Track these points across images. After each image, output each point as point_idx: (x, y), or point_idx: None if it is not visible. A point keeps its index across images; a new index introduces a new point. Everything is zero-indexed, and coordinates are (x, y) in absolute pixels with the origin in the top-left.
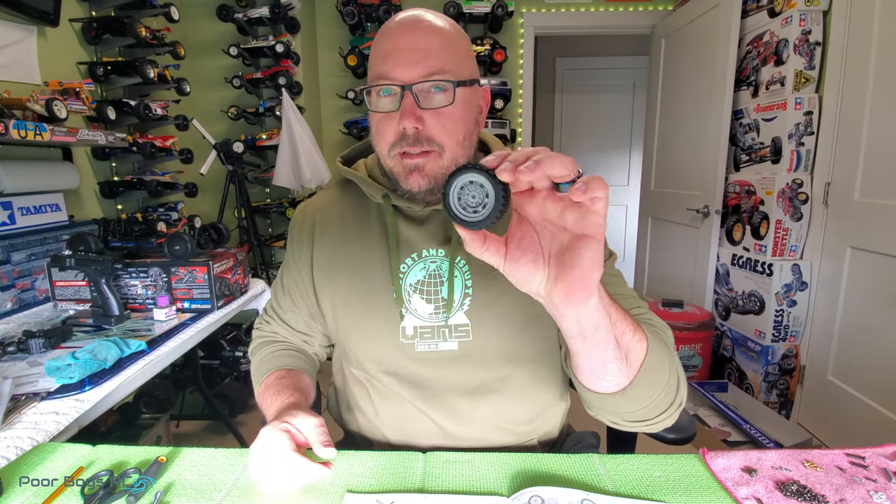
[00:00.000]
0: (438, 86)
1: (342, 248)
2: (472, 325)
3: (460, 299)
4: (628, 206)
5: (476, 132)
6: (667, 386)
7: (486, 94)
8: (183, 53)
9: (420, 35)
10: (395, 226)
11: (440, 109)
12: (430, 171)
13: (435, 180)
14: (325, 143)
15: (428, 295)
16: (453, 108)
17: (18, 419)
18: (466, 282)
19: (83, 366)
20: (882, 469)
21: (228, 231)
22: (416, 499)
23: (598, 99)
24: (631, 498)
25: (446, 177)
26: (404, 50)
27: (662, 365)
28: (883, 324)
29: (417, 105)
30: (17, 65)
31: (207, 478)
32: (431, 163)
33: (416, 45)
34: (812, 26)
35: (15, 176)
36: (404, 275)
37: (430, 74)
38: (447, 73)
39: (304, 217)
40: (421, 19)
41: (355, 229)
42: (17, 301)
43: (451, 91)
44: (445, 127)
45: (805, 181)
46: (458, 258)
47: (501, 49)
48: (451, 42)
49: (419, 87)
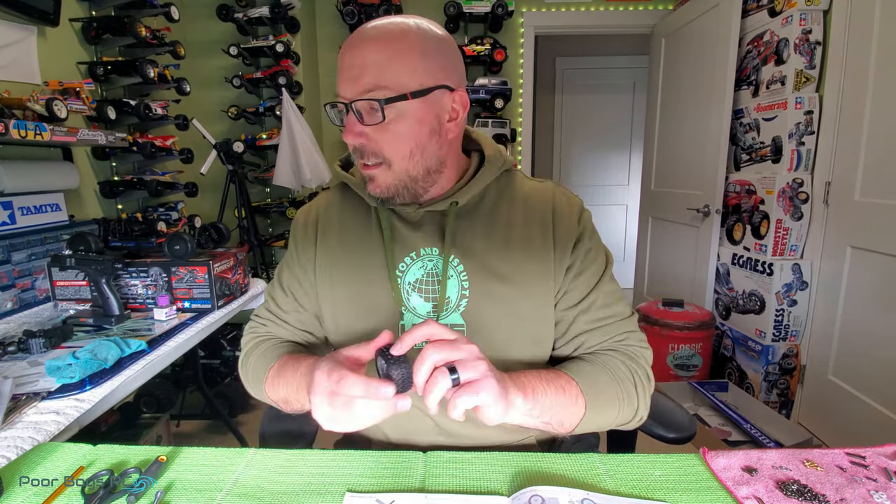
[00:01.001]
0: (374, 106)
1: (342, 251)
2: (467, 326)
3: (457, 300)
4: (628, 206)
5: (437, 143)
6: (619, 415)
7: (463, 98)
8: (183, 53)
9: (359, 51)
10: (390, 228)
11: (383, 125)
12: (381, 182)
13: (388, 190)
14: (325, 143)
15: (426, 294)
16: (394, 125)
17: (19, 419)
18: (463, 283)
19: (83, 365)
20: (882, 468)
21: (228, 231)
22: (416, 498)
23: (598, 99)
24: (631, 497)
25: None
26: (345, 68)
27: (609, 406)
28: (883, 324)
29: (360, 121)
30: (17, 65)
31: (207, 478)
32: (382, 175)
33: (354, 62)
34: (812, 26)
35: (15, 176)
36: (402, 273)
37: (363, 92)
38: (382, 89)
39: (306, 219)
40: (367, 32)
41: (354, 232)
42: (18, 301)
43: (380, 109)
44: (389, 142)
45: (805, 181)
46: (451, 257)
47: (501, 49)
48: (396, 53)
49: (359, 104)
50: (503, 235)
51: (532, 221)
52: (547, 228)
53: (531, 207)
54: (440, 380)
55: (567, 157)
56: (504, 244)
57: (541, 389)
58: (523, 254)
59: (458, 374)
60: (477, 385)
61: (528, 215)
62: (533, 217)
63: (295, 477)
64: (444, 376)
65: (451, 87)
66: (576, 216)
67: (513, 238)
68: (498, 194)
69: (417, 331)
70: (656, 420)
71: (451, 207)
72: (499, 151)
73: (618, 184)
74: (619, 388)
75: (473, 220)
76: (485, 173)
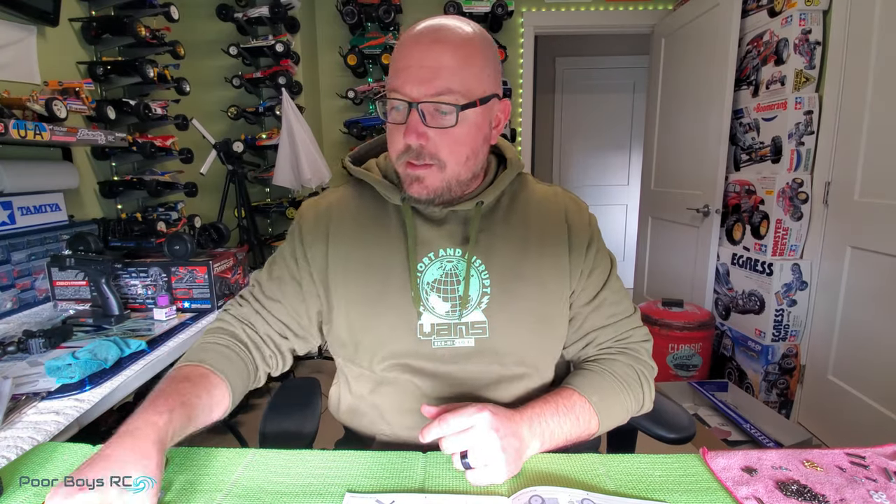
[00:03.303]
0: (443, 110)
1: (358, 248)
2: (488, 323)
3: (478, 297)
4: (628, 206)
5: (485, 149)
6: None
7: (507, 106)
8: (183, 53)
9: (432, 52)
10: (413, 227)
11: (445, 129)
12: (430, 184)
13: (435, 192)
14: (325, 142)
15: (445, 293)
16: (458, 130)
17: (19, 419)
18: (484, 281)
19: (83, 366)
20: (882, 469)
21: (228, 231)
22: (416, 498)
23: (598, 99)
24: (631, 498)
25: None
26: (414, 67)
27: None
28: (883, 323)
29: (423, 122)
30: (16, 64)
31: (207, 478)
32: (432, 176)
33: (425, 63)
34: (812, 26)
35: (15, 176)
36: (422, 273)
37: (436, 94)
38: (454, 93)
39: (317, 214)
40: (438, 33)
41: (372, 229)
42: (17, 301)
43: (455, 114)
44: (449, 146)
45: (805, 181)
46: (473, 258)
47: (501, 48)
48: (466, 58)
49: (425, 105)
50: (520, 236)
51: (546, 223)
52: (561, 230)
53: (545, 210)
54: (454, 463)
55: (567, 157)
56: (521, 244)
57: (556, 428)
58: (539, 253)
59: (467, 460)
60: (487, 472)
61: (542, 217)
62: (547, 219)
63: (295, 477)
64: (457, 462)
65: (500, 95)
66: (586, 219)
67: (529, 238)
68: (512, 196)
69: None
70: (656, 420)
71: (476, 207)
72: (517, 155)
73: (618, 184)
74: (628, 395)
75: (492, 221)
76: (506, 175)
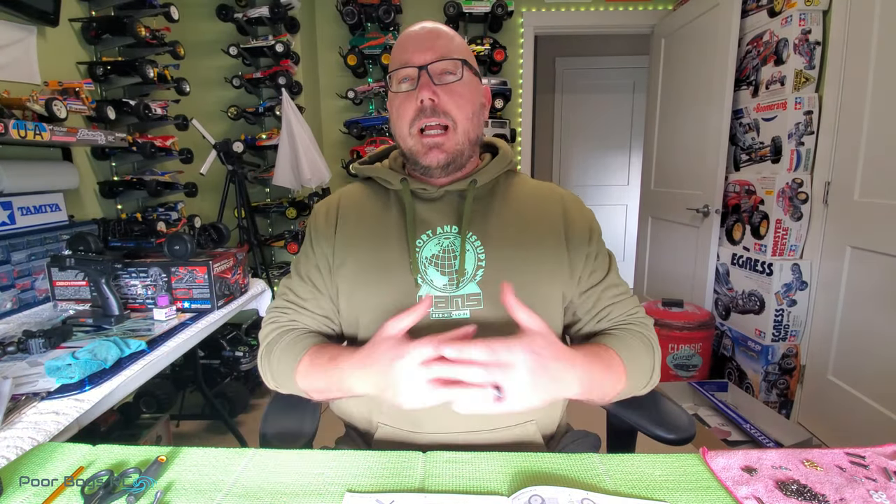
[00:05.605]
0: (449, 70)
1: (362, 227)
2: (483, 295)
3: (473, 270)
4: (628, 206)
5: (482, 115)
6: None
7: (487, 93)
8: (183, 53)
9: (427, 34)
10: (412, 206)
11: (451, 86)
12: (448, 147)
13: (451, 156)
14: (325, 142)
15: (442, 268)
16: (462, 86)
17: (18, 419)
18: (479, 255)
19: (83, 366)
20: (882, 468)
21: (228, 231)
22: (416, 498)
23: (598, 99)
24: (631, 498)
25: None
26: (420, 39)
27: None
28: (883, 324)
29: (432, 82)
30: (16, 64)
31: (207, 478)
32: (449, 140)
33: (423, 39)
34: (812, 26)
35: (15, 176)
36: (420, 248)
37: (441, 56)
38: (453, 56)
39: (328, 208)
40: (427, 25)
41: (373, 212)
42: (17, 301)
43: (461, 69)
44: (456, 102)
45: (805, 181)
46: (469, 233)
47: (501, 49)
48: (453, 37)
49: (433, 67)
50: (516, 215)
51: (542, 208)
52: (558, 215)
53: (540, 196)
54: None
55: (567, 157)
56: (517, 223)
57: (598, 375)
58: (535, 233)
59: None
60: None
61: (538, 202)
62: (543, 204)
63: (295, 477)
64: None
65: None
66: (583, 209)
67: (526, 219)
68: (507, 187)
69: None
70: (656, 421)
71: (470, 185)
72: (509, 149)
73: (617, 184)
74: (648, 357)
75: (488, 202)
76: (500, 160)
